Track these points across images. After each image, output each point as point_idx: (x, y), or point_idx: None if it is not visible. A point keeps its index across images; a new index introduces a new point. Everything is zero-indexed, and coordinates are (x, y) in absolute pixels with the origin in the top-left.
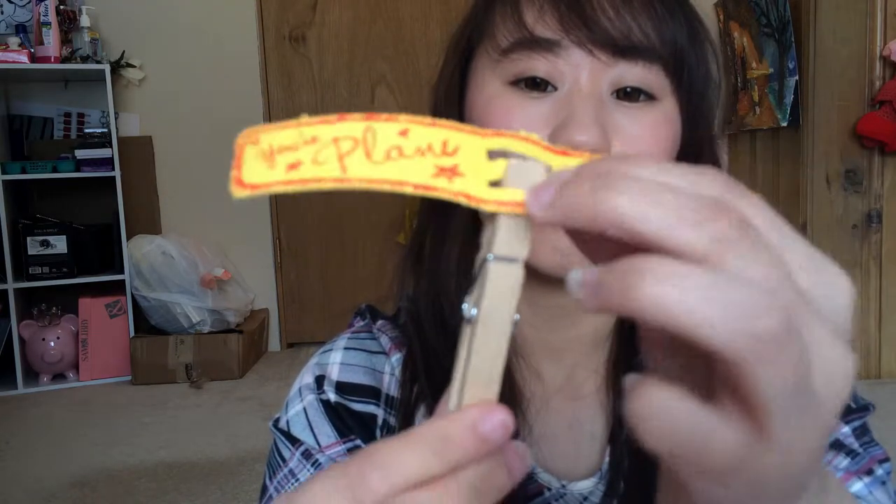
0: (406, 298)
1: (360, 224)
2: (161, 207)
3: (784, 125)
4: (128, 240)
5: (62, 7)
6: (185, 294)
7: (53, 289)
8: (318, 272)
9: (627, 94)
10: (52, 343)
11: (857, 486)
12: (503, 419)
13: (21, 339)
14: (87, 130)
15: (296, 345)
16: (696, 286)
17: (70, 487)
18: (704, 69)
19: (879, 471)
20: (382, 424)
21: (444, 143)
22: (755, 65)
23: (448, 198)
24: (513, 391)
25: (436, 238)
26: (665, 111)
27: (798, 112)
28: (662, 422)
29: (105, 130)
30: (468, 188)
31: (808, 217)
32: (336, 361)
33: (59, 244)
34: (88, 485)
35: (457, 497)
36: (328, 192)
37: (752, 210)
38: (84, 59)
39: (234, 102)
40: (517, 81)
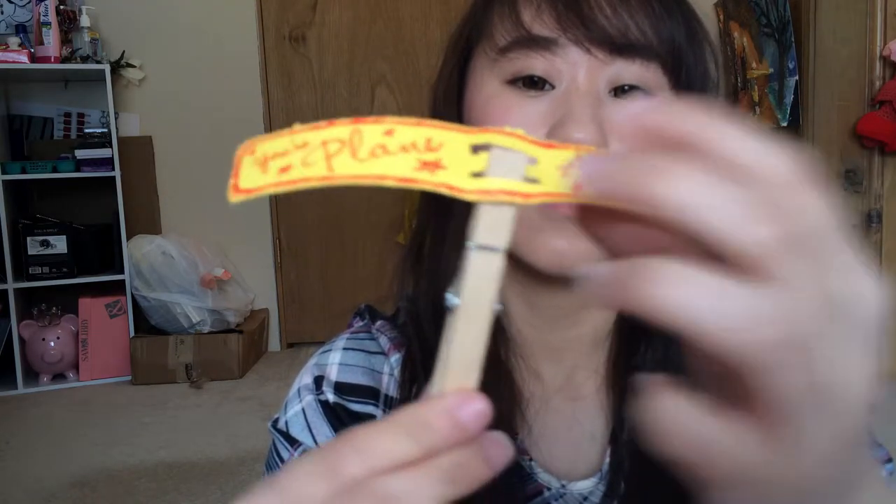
0: (405, 298)
1: (360, 224)
2: (161, 207)
3: (784, 125)
4: (128, 240)
5: (62, 7)
6: (185, 294)
7: (53, 289)
8: (318, 272)
9: (625, 93)
10: (52, 343)
11: None
12: (481, 408)
13: (21, 339)
14: (87, 130)
15: (296, 345)
16: (707, 293)
17: (70, 487)
18: (702, 68)
19: (882, 472)
20: None
21: (428, 141)
22: (755, 65)
23: (430, 188)
24: (512, 391)
25: (435, 238)
26: None
27: (798, 112)
28: (674, 427)
29: (105, 130)
30: (450, 179)
31: None
32: (335, 362)
33: (59, 244)
34: (88, 485)
35: (432, 482)
36: (328, 193)
37: (806, 207)
38: (84, 59)
39: (234, 102)
40: (515, 80)
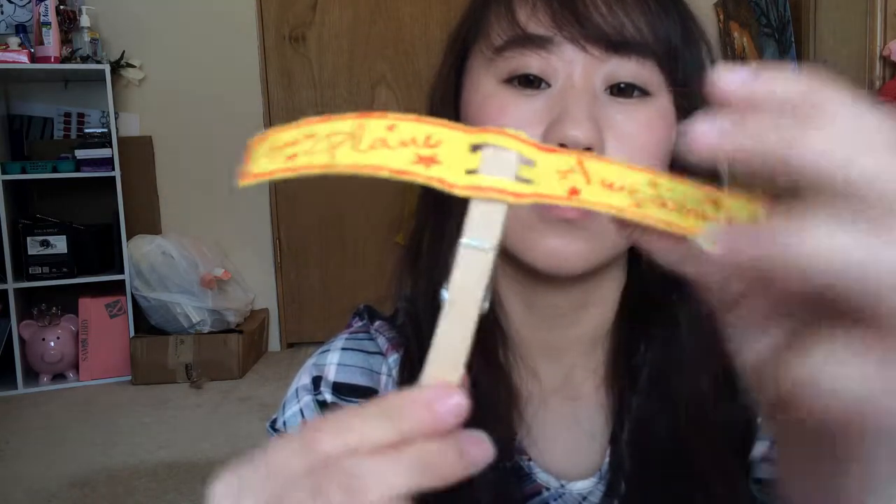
0: (404, 299)
1: (360, 224)
2: (161, 207)
3: None
4: (128, 240)
5: (62, 7)
6: (185, 294)
7: (53, 289)
8: (318, 272)
9: (621, 90)
10: (52, 343)
11: None
12: (458, 402)
13: (21, 339)
14: (87, 130)
15: (296, 345)
16: (858, 239)
17: (70, 487)
18: (699, 66)
19: None
20: None
21: (428, 137)
22: (755, 65)
23: (422, 182)
24: (510, 391)
25: (432, 238)
26: (659, 107)
27: None
28: (837, 378)
29: (105, 130)
30: (443, 174)
31: None
32: (333, 362)
33: (59, 244)
34: (88, 485)
35: (401, 467)
36: (329, 194)
37: None
38: (84, 59)
39: (234, 102)
40: (511, 79)
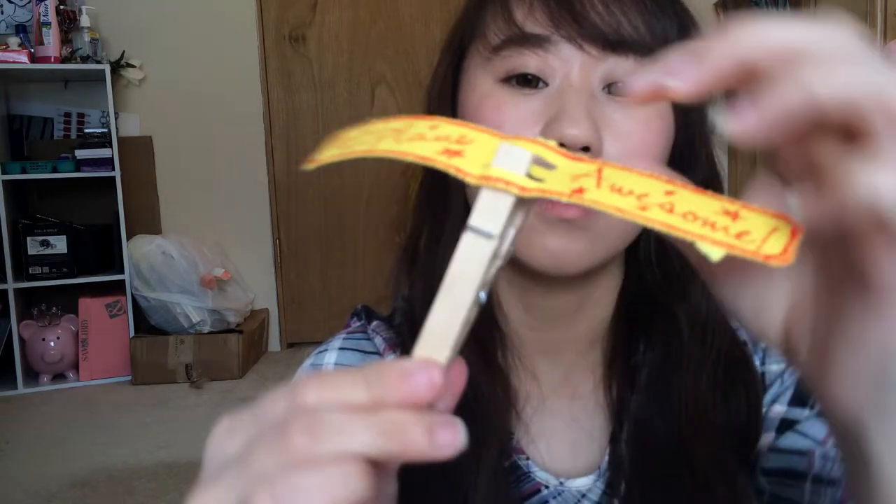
0: (401, 299)
1: (360, 224)
2: (161, 207)
3: None
4: (128, 240)
5: (62, 7)
6: (185, 294)
7: (53, 289)
8: (318, 272)
9: (619, 89)
10: (52, 343)
11: None
12: (435, 378)
13: (21, 339)
14: (87, 130)
15: (296, 345)
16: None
17: (70, 487)
18: None
19: None
20: None
21: (462, 136)
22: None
23: (441, 168)
24: (507, 392)
25: (430, 238)
26: (657, 106)
27: None
28: None
29: (105, 130)
30: (461, 164)
31: None
32: (330, 362)
33: (59, 244)
34: (88, 485)
35: (365, 426)
36: (329, 194)
37: None
38: (84, 59)
39: (234, 102)
40: (508, 79)
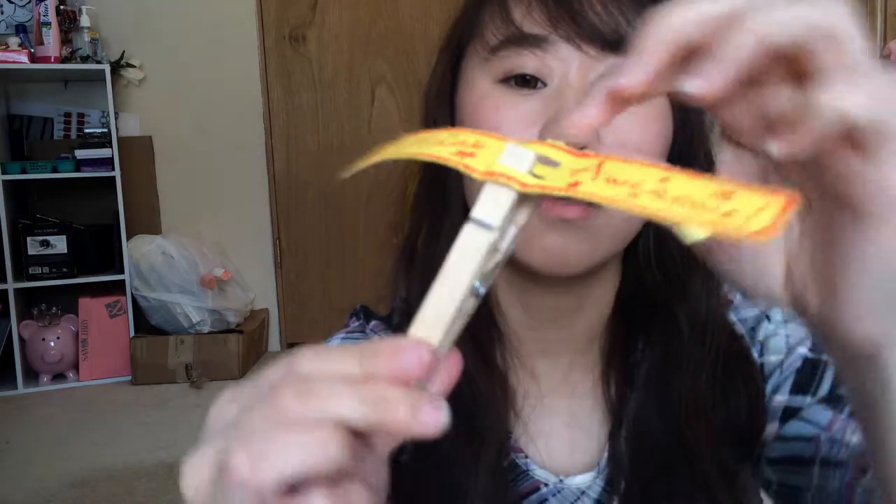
0: (399, 298)
1: (360, 224)
2: (161, 207)
3: None
4: (128, 240)
5: (62, 7)
6: (185, 294)
7: (53, 289)
8: (318, 272)
9: None
10: (52, 343)
11: None
12: (424, 356)
13: (21, 339)
14: (87, 130)
15: (296, 345)
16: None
17: (70, 487)
18: None
19: None
20: None
21: (477, 142)
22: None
23: (451, 165)
24: (506, 391)
25: (428, 238)
26: (655, 106)
27: None
28: None
29: (105, 130)
30: (470, 162)
31: None
32: None
33: (59, 244)
34: (88, 485)
35: (351, 395)
36: (329, 194)
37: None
38: (84, 59)
39: (234, 102)
40: (507, 79)
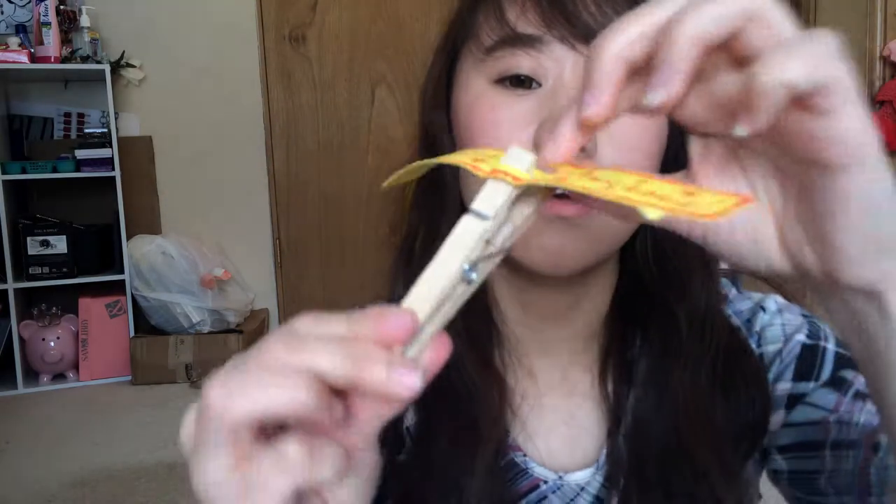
0: (398, 298)
1: (360, 224)
2: (161, 207)
3: None
4: (128, 240)
5: (62, 7)
6: (185, 294)
7: (53, 289)
8: (318, 272)
9: None
10: (52, 343)
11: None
12: (405, 321)
13: (21, 339)
14: (87, 130)
15: None
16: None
17: (70, 487)
18: None
19: None
20: None
21: (495, 154)
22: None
23: (462, 165)
24: (503, 390)
25: (426, 239)
26: None
27: None
28: None
29: (105, 130)
30: (480, 165)
31: None
32: None
33: (59, 244)
34: (88, 485)
35: (333, 349)
36: (329, 194)
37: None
38: (84, 59)
39: (234, 102)
40: (502, 80)
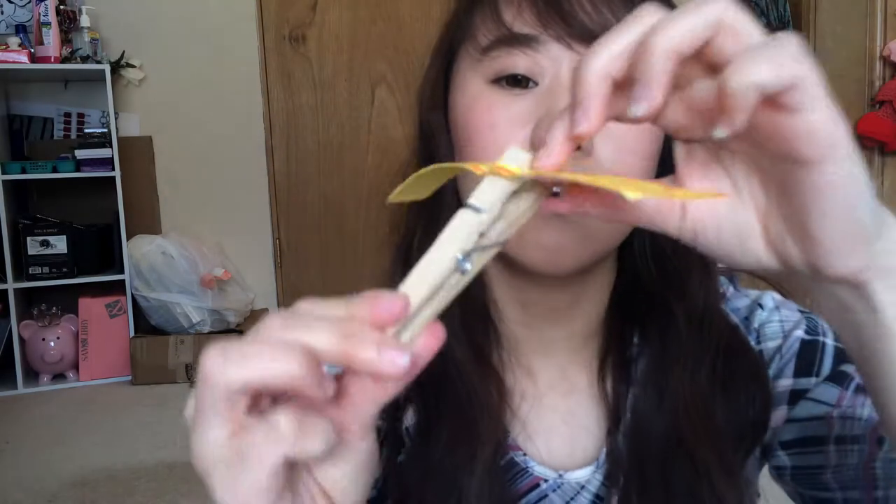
0: None
1: (360, 224)
2: (161, 207)
3: None
4: (128, 240)
5: (62, 7)
6: (185, 294)
7: (53, 289)
8: (318, 272)
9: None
10: (52, 343)
11: None
12: (397, 304)
13: (21, 339)
14: (87, 130)
15: None
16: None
17: (70, 487)
18: None
19: None
20: None
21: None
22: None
23: (467, 167)
24: (502, 390)
25: (424, 239)
26: None
27: None
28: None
29: (105, 130)
30: (481, 166)
31: None
32: None
33: (59, 244)
34: (89, 485)
35: (326, 327)
36: (329, 194)
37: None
38: (84, 59)
39: (235, 102)
40: (499, 79)
